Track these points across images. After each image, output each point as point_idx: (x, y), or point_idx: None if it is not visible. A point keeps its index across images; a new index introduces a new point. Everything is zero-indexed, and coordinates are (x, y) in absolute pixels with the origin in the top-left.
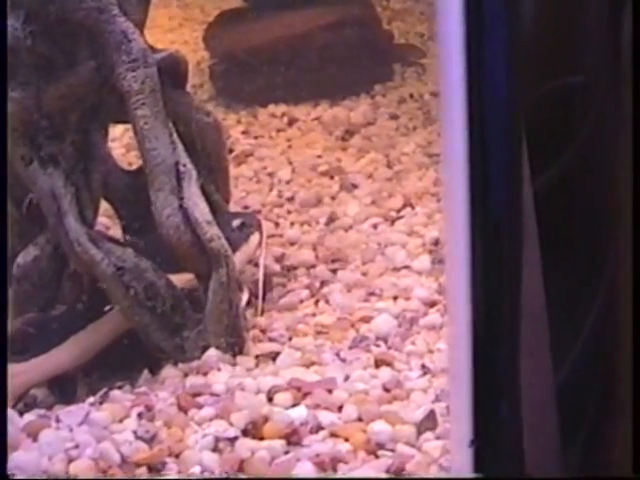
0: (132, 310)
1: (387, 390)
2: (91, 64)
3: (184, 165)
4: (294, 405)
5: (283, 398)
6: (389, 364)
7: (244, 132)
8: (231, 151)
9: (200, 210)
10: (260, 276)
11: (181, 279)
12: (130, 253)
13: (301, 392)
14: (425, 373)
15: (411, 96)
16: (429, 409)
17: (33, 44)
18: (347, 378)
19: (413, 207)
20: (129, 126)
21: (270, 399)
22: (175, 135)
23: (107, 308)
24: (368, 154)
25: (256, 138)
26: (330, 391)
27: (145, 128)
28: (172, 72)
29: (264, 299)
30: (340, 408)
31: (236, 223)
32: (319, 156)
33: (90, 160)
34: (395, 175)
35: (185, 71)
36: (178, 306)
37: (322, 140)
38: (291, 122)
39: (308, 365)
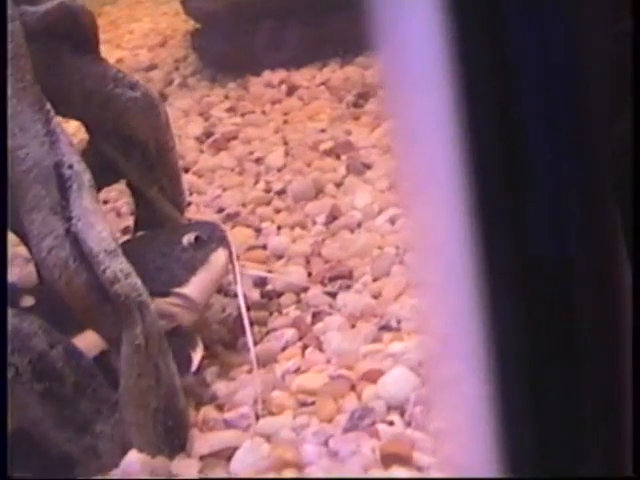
0: (11, 401)
1: None
2: None
3: (70, 167)
4: None
5: None
6: (405, 460)
7: (229, 109)
8: (209, 135)
9: (96, 235)
10: (243, 312)
11: (93, 341)
12: (8, 311)
13: None
14: None
15: None
16: None
17: None
18: None
19: None
20: None
21: None
22: (56, 122)
23: None
24: (386, 122)
25: (244, 115)
26: None
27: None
28: (71, 31)
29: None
30: None
31: (188, 239)
32: (323, 130)
33: None
34: None
35: (92, 29)
36: (86, 384)
37: (329, 109)
38: (291, 90)
39: (279, 467)
